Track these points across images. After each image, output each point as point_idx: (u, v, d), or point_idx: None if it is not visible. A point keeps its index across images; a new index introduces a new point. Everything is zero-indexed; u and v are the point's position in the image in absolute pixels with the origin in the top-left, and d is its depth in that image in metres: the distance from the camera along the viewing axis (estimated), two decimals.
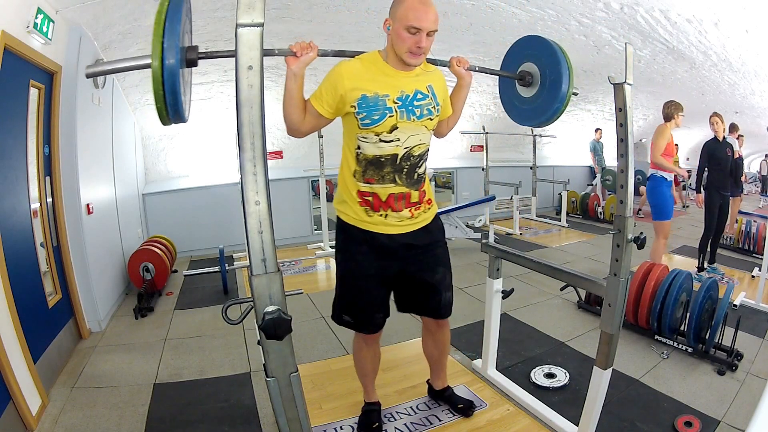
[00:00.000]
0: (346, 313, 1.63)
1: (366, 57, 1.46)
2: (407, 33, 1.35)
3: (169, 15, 0.93)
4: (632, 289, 2.62)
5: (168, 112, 0.97)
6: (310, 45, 1.26)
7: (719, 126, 3.78)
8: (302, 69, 1.29)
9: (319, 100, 1.43)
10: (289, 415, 1.01)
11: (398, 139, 1.45)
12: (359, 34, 3.96)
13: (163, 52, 0.91)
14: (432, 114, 1.50)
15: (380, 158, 1.46)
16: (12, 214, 2.14)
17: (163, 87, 0.93)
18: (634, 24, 3.85)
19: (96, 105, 3.25)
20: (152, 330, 2.96)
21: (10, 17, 2.06)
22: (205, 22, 3.34)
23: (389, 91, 1.43)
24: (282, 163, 5.56)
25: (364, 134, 1.44)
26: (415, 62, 1.41)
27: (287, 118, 1.41)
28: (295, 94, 1.36)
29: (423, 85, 1.49)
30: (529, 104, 1.64)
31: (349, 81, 1.40)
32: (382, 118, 1.42)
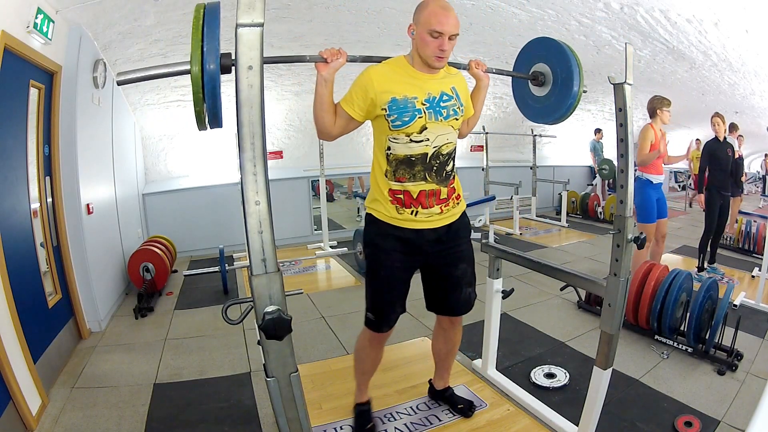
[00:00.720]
0: (370, 310, 1.66)
1: (393, 61, 1.53)
2: (430, 37, 1.41)
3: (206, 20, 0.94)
4: (632, 289, 2.62)
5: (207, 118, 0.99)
6: (340, 51, 1.33)
7: (720, 127, 3.78)
8: (332, 74, 1.36)
9: (350, 103, 1.49)
10: (289, 415, 1.01)
11: (427, 138, 1.51)
12: (359, 34, 3.96)
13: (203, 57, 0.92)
14: (458, 114, 1.57)
15: (411, 157, 1.52)
16: (12, 214, 2.14)
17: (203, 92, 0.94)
18: (634, 24, 3.85)
19: (96, 105, 3.25)
20: (152, 330, 2.96)
21: (10, 17, 2.06)
22: None
23: (417, 93, 1.49)
24: (282, 163, 5.56)
25: (395, 135, 1.50)
26: (439, 65, 1.47)
27: (318, 121, 1.48)
28: (326, 99, 1.43)
29: (447, 87, 1.55)
30: (543, 102, 1.71)
31: (379, 84, 1.46)
32: (412, 120, 1.48)
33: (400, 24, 3.90)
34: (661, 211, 3.42)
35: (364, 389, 1.87)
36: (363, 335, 1.75)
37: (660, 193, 3.42)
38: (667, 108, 3.29)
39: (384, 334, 1.70)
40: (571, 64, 1.56)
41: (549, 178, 7.25)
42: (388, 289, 1.64)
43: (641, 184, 3.37)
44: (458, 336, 1.86)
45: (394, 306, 1.65)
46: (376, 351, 1.77)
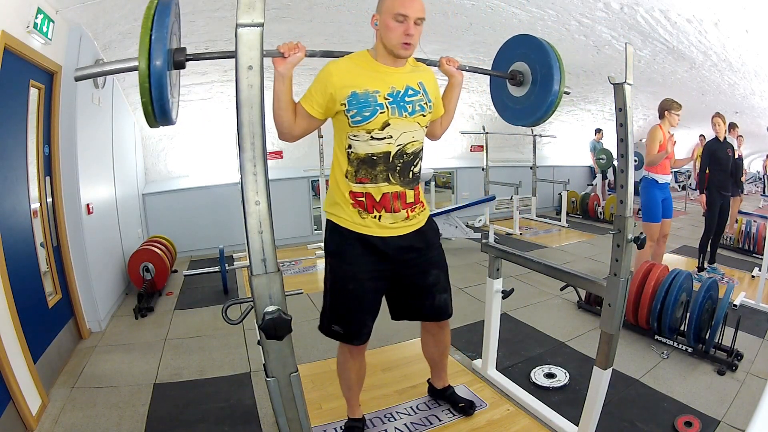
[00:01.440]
0: (336, 322, 1.55)
1: (355, 55, 1.45)
2: (395, 22, 1.35)
3: (156, 16, 0.93)
4: (632, 289, 2.62)
5: (155, 114, 0.97)
6: (298, 46, 1.24)
7: (721, 127, 3.78)
8: (290, 70, 1.28)
9: (309, 100, 1.41)
10: (289, 415, 1.01)
11: (390, 136, 1.42)
12: (359, 34, 3.95)
13: (150, 54, 0.91)
14: (425, 110, 1.48)
15: (372, 156, 1.42)
16: (12, 214, 2.14)
17: (149, 89, 0.92)
18: (634, 24, 3.85)
19: (96, 105, 3.25)
20: (152, 330, 2.96)
21: (10, 17, 2.06)
22: (205, 22, 3.34)
23: (379, 86, 1.41)
24: (282, 163, 5.56)
25: (355, 132, 1.41)
26: (406, 53, 1.40)
27: (277, 121, 1.39)
28: (284, 96, 1.34)
29: (414, 81, 1.47)
30: (521, 103, 1.64)
31: (339, 79, 1.39)
32: (373, 115, 1.39)
33: None
34: (667, 211, 3.42)
35: (355, 405, 1.81)
36: (341, 349, 1.67)
37: (666, 193, 3.43)
38: (677, 111, 3.28)
39: (362, 345, 1.62)
40: (551, 61, 1.49)
41: (549, 178, 7.25)
42: (358, 305, 1.53)
43: (647, 183, 3.37)
44: (447, 337, 1.83)
45: (365, 320, 1.55)
46: (358, 362, 1.69)
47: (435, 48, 4.47)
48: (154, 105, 0.95)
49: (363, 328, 1.57)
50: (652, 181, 3.36)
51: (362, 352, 1.69)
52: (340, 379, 1.75)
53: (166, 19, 0.94)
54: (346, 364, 1.69)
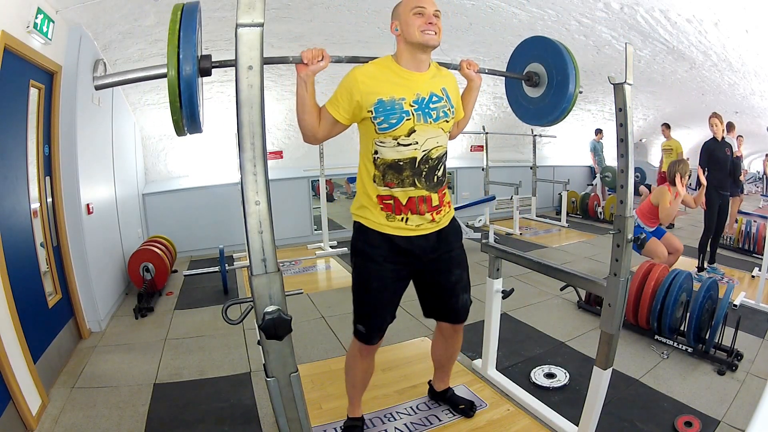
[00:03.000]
0: (359, 322, 1.61)
1: (379, 61, 1.47)
2: (413, 16, 1.39)
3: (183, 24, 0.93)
4: (632, 289, 2.62)
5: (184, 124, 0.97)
6: (322, 53, 1.26)
7: (718, 128, 3.78)
8: (311, 76, 1.30)
9: (335, 106, 1.43)
10: (289, 415, 1.01)
11: (416, 142, 1.45)
12: (359, 34, 3.96)
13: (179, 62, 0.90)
14: (448, 116, 1.51)
15: (399, 162, 1.46)
16: (12, 214, 2.14)
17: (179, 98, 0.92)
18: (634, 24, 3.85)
19: (96, 105, 3.25)
20: (152, 330, 2.96)
21: (10, 17, 2.06)
22: (205, 22, 3.32)
23: (405, 93, 1.43)
24: (282, 163, 5.57)
25: (382, 139, 1.44)
26: (432, 40, 1.41)
27: (302, 124, 1.41)
28: (307, 101, 1.36)
29: (437, 87, 1.49)
30: (537, 104, 1.66)
31: (365, 85, 1.41)
32: (400, 122, 1.42)
33: None
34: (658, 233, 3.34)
35: (356, 404, 1.82)
36: (353, 346, 1.69)
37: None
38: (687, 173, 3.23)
39: (374, 345, 1.65)
40: (567, 64, 1.52)
41: (549, 178, 7.25)
42: (380, 301, 1.58)
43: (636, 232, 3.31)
44: (459, 343, 1.83)
45: (385, 317, 1.61)
46: (367, 362, 1.71)
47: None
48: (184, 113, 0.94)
49: (383, 325, 1.62)
50: (638, 227, 3.27)
51: (373, 352, 1.69)
52: (347, 376, 1.77)
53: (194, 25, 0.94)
54: (355, 362, 1.71)
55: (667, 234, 3.40)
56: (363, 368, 1.72)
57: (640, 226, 3.31)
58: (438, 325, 1.79)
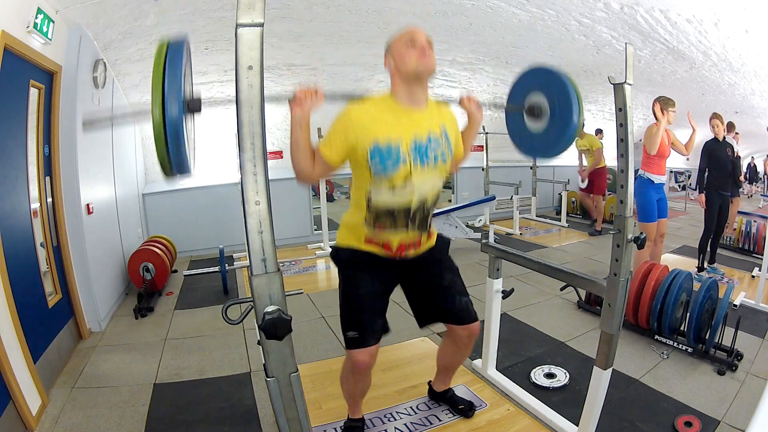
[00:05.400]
0: (351, 329, 1.53)
1: (374, 98, 1.43)
2: (406, 48, 1.37)
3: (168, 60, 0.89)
4: (632, 289, 2.62)
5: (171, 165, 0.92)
6: (316, 92, 1.21)
7: (719, 128, 3.78)
8: (307, 116, 1.25)
9: (329, 148, 1.37)
10: (289, 415, 1.01)
11: (412, 189, 1.40)
12: (359, 34, 3.96)
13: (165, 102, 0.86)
14: (446, 160, 1.46)
15: (393, 211, 1.42)
16: (12, 214, 2.14)
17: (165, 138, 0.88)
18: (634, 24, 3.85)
19: (96, 105, 3.25)
20: (152, 330, 2.96)
21: (10, 17, 2.06)
22: (205, 22, 3.34)
23: (402, 134, 1.37)
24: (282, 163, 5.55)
25: (377, 184, 1.39)
26: (428, 64, 1.37)
27: (296, 165, 1.36)
28: (302, 142, 1.31)
29: (436, 126, 1.44)
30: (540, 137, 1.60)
31: (360, 124, 1.35)
32: (396, 168, 1.36)
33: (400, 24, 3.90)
34: (662, 211, 3.42)
35: (355, 408, 1.80)
36: (345, 365, 1.64)
37: (661, 193, 3.42)
38: (672, 109, 3.25)
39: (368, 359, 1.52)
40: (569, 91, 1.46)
41: (549, 178, 7.24)
42: (369, 304, 1.53)
43: (642, 183, 3.37)
44: (469, 351, 1.77)
45: (375, 319, 1.55)
46: (363, 381, 1.65)
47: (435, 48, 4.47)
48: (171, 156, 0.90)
49: (375, 326, 1.56)
50: (647, 181, 3.35)
51: (368, 369, 1.57)
52: (343, 390, 1.74)
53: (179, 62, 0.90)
54: (348, 380, 1.68)
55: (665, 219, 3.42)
56: (360, 384, 1.68)
57: (650, 179, 3.33)
58: (449, 332, 1.71)
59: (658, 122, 3.25)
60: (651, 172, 3.34)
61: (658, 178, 3.36)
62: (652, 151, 3.26)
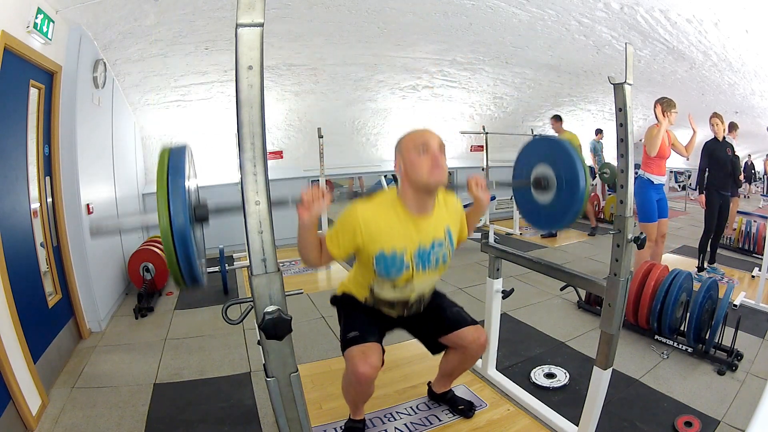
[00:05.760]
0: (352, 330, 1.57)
1: (382, 200, 1.46)
2: (418, 156, 1.37)
3: (171, 169, 0.91)
4: (632, 289, 2.62)
5: (182, 273, 0.93)
6: (322, 195, 1.19)
7: (719, 127, 3.78)
8: (315, 221, 1.27)
9: (337, 247, 1.42)
10: (289, 415, 1.01)
11: (412, 288, 1.54)
12: (359, 34, 3.96)
13: (170, 212, 0.88)
14: (447, 260, 1.55)
15: (392, 301, 1.58)
16: (12, 214, 2.14)
17: (175, 250, 0.89)
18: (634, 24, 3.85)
19: (96, 105, 3.25)
20: (152, 330, 2.96)
21: (10, 17, 2.06)
22: (205, 22, 3.34)
23: (407, 243, 1.44)
24: (282, 163, 5.56)
25: (379, 281, 1.52)
26: (439, 178, 1.37)
27: (303, 257, 1.41)
28: (310, 240, 1.36)
29: (441, 229, 1.51)
30: (548, 209, 1.63)
31: (368, 230, 1.40)
32: (399, 274, 1.47)
33: (400, 24, 3.90)
34: (662, 211, 3.42)
35: (355, 412, 1.80)
36: (345, 377, 1.63)
37: (661, 193, 3.42)
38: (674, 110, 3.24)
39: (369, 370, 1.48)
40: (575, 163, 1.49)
41: None
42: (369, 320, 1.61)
43: (642, 183, 3.37)
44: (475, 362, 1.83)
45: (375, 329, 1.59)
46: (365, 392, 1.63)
47: (435, 48, 4.47)
48: (182, 269, 0.91)
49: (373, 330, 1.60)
50: (647, 182, 3.35)
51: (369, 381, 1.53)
52: (344, 395, 1.74)
53: (182, 170, 0.91)
54: (349, 390, 1.68)
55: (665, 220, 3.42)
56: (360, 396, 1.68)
57: (650, 179, 3.32)
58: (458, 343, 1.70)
59: (659, 123, 3.24)
60: (651, 172, 3.34)
61: (658, 178, 3.35)
62: (653, 152, 3.25)
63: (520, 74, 5.51)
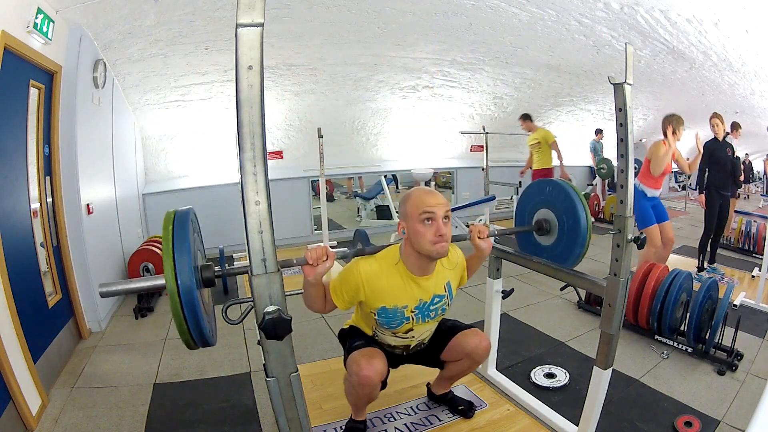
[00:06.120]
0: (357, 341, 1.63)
1: (385, 258, 1.50)
2: (423, 225, 1.38)
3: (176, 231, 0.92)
4: (632, 289, 2.62)
5: (192, 334, 0.95)
6: (326, 253, 1.23)
7: (719, 128, 3.78)
8: (319, 279, 1.30)
9: (340, 300, 1.49)
10: (289, 415, 1.01)
11: (413, 336, 1.61)
12: (359, 34, 3.95)
13: (177, 275, 0.89)
14: (446, 310, 1.62)
15: (394, 347, 1.65)
16: (12, 214, 2.14)
17: (182, 312, 0.91)
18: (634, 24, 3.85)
19: (96, 105, 3.25)
20: (152, 330, 2.96)
21: (10, 17, 2.06)
22: (205, 22, 3.34)
23: (408, 301, 1.50)
24: (282, 163, 5.56)
25: (381, 330, 1.59)
26: (441, 251, 1.40)
27: (308, 306, 1.47)
28: (315, 295, 1.42)
29: (441, 285, 1.56)
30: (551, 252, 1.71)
31: (370, 289, 1.46)
32: (399, 326, 1.54)
33: (400, 24, 3.90)
34: (661, 215, 3.38)
35: (357, 413, 1.79)
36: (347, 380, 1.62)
37: (655, 200, 3.40)
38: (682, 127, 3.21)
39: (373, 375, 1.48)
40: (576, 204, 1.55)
41: None
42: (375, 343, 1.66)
43: (636, 193, 3.34)
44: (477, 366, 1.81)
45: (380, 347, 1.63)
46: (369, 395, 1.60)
47: (435, 48, 4.47)
48: (191, 327, 0.93)
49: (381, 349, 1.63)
50: (641, 192, 3.33)
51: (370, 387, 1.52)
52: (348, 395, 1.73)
53: (187, 233, 0.93)
54: (351, 394, 1.67)
55: (667, 223, 3.41)
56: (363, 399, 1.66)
57: (644, 191, 3.31)
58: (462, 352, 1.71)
59: (666, 141, 3.19)
60: (646, 185, 3.32)
61: (652, 192, 3.33)
62: (657, 172, 3.22)
63: (520, 74, 5.51)
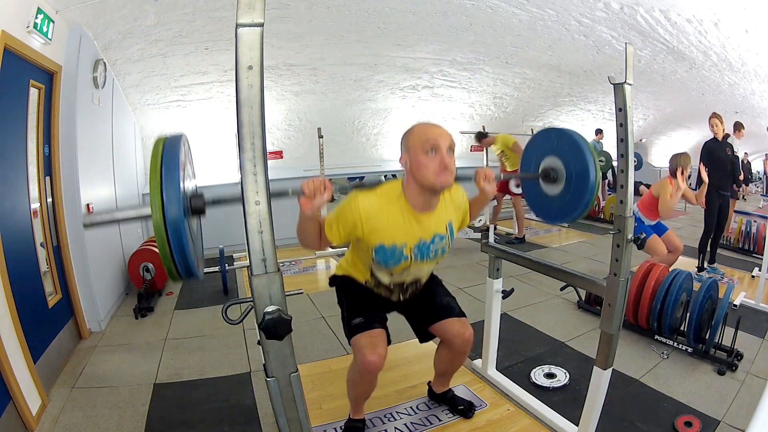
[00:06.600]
0: (356, 316, 1.57)
1: (385, 192, 1.42)
2: (426, 156, 1.33)
3: (165, 158, 0.88)
4: (632, 289, 2.62)
5: (177, 267, 0.92)
6: (324, 185, 1.14)
7: (719, 128, 3.79)
8: (317, 212, 1.23)
9: (336, 236, 1.40)
10: (289, 415, 1.01)
11: (408, 274, 1.56)
12: (359, 34, 3.96)
13: (164, 203, 0.85)
14: (445, 251, 1.56)
15: (389, 285, 1.59)
16: (12, 214, 2.14)
17: (168, 243, 0.87)
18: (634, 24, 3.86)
19: (96, 105, 3.25)
20: (152, 330, 2.96)
21: (10, 17, 2.06)
22: (205, 22, 3.34)
23: (408, 239, 1.43)
24: (282, 163, 5.56)
25: (377, 267, 1.53)
26: (446, 182, 1.34)
27: (301, 242, 1.41)
28: (310, 230, 1.35)
29: (443, 225, 1.50)
30: (558, 201, 1.59)
31: (368, 224, 1.38)
32: (397, 264, 1.47)
33: (400, 24, 3.91)
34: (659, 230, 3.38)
35: (359, 408, 1.80)
36: (353, 367, 1.64)
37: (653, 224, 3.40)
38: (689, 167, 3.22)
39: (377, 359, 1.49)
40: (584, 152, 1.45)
41: None
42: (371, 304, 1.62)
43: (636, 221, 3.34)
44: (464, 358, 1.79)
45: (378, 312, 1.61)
46: (370, 383, 1.63)
47: (435, 48, 4.47)
48: (175, 257, 0.90)
49: (378, 315, 1.61)
50: (638, 219, 3.32)
51: (376, 372, 1.54)
52: (348, 390, 1.74)
53: (177, 160, 0.89)
54: (354, 382, 1.68)
55: (669, 231, 3.41)
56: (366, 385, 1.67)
57: (641, 219, 3.31)
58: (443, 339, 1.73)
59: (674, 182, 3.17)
60: (645, 215, 3.31)
61: (649, 221, 3.34)
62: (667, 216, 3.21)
63: (520, 74, 5.51)
